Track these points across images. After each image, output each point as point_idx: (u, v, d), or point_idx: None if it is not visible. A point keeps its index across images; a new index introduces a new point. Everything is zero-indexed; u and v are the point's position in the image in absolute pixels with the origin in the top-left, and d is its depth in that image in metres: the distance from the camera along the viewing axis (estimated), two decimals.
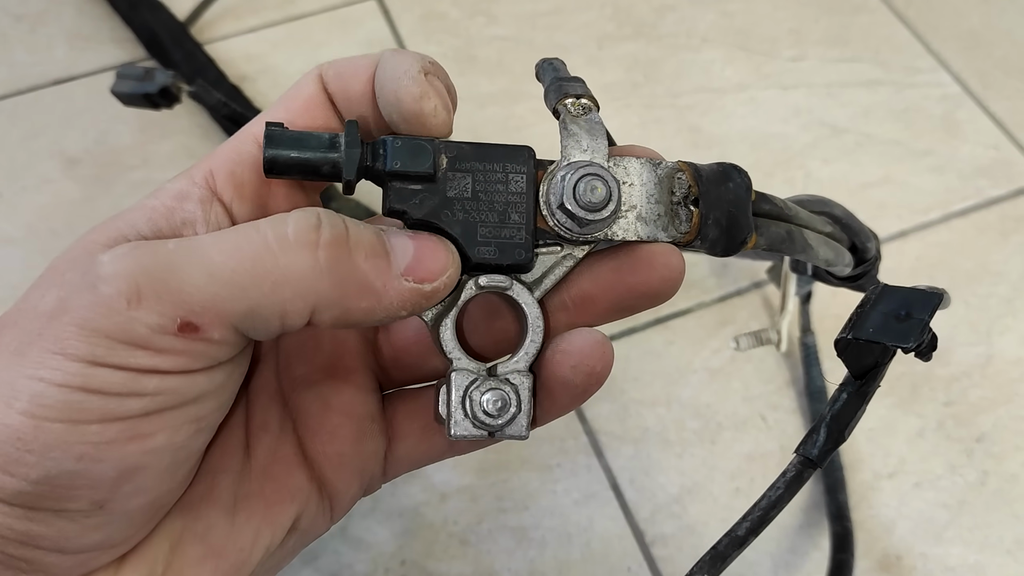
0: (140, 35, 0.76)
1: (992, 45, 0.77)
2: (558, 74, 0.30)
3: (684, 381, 0.60)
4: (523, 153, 0.28)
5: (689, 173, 0.29)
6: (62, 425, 0.22)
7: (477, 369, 0.28)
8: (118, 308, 0.22)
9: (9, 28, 0.78)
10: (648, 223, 0.29)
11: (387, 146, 0.26)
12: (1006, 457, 0.56)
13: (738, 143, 0.71)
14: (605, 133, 0.29)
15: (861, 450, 0.57)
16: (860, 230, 0.42)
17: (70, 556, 0.24)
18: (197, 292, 0.23)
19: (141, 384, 0.23)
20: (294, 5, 0.80)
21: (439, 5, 0.80)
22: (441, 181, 0.27)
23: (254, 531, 0.28)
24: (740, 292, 0.63)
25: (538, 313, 0.28)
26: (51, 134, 0.72)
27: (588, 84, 0.31)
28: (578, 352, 0.28)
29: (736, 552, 0.29)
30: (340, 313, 0.25)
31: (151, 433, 0.24)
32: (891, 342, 0.28)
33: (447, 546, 0.53)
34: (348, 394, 0.30)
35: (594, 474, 0.56)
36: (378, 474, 0.31)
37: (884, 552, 0.53)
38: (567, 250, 0.29)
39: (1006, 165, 0.70)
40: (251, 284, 0.23)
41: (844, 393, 0.29)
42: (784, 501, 0.29)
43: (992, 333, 0.61)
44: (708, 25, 0.79)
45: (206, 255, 0.23)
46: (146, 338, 0.23)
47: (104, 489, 0.23)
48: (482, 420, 0.27)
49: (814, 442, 0.29)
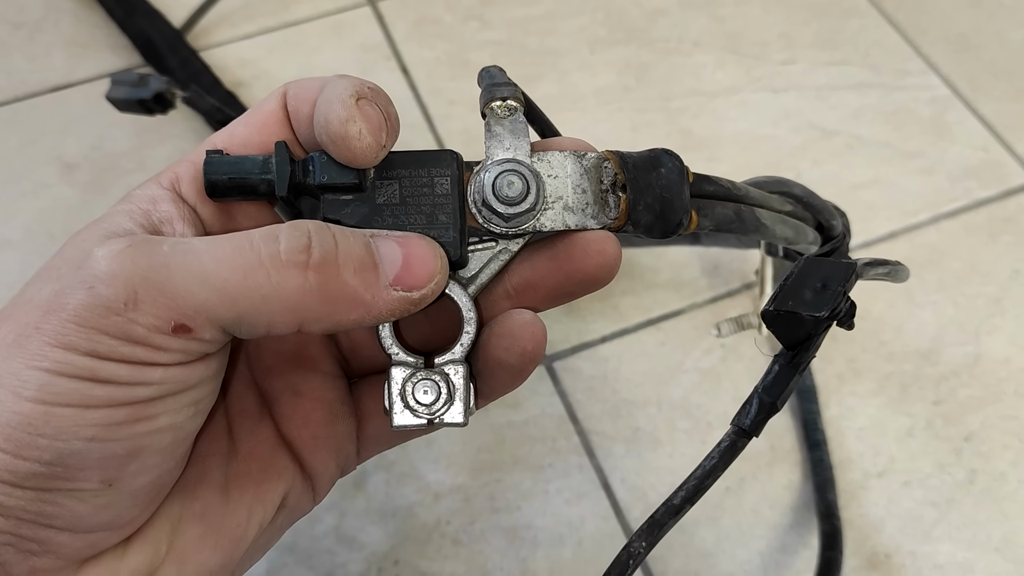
0: (136, 42, 0.77)
1: (981, 48, 0.78)
2: (493, 80, 0.31)
3: (675, 381, 0.60)
4: (446, 157, 0.29)
5: (614, 161, 0.30)
6: (72, 410, 0.24)
7: (415, 362, 0.30)
8: (116, 309, 0.24)
9: (8, 36, 0.79)
10: (576, 212, 0.30)
11: (315, 162, 0.28)
12: (994, 456, 0.57)
13: (729, 145, 0.72)
14: (527, 132, 0.30)
15: (851, 449, 0.57)
16: (823, 208, 0.43)
17: (80, 536, 0.25)
18: (190, 297, 0.24)
19: (147, 375, 0.24)
20: (288, 11, 0.81)
21: (433, 10, 0.81)
22: (370, 190, 0.29)
23: (247, 508, 0.30)
24: (731, 293, 0.64)
25: (470, 306, 0.30)
26: (49, 140, 0.72)
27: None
28: (509, 334, 0.29)
29: (672, 520, 0.31)
30: (330, 325, 0.26)
31: (155, 415, 0.25)
32: (807, 312, 0.29)
33: (440, 546, 0.54)
34: (316, 381, 0.32)
35: (586, 474, 0.56)
36: (352, 453, 0.33)
37: (873, 550, 0.54)
38: (501, 245, 0.30)
39: (995, 166, 0.70)
40: (241, 296, 0.25)
41: (776, 365, 0.30)
42: (718, 470, 0.30)
43: (980, 333, 0.62)
44: (699, 29, 0.80)
45: (199, 261, 0.24)
46: (143, 336, 0.24)
47: (113, 468, 0.25)
48: (418, 410, 0.29)
49: (747, 413, 0.30)
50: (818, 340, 0.30)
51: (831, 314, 0.29)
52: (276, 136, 0.29)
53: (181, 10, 0.78)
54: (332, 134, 0.27)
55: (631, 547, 0.30)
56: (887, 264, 0.38)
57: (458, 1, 0.82)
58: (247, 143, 0.29)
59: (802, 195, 0.42)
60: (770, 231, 0.36)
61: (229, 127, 0.30)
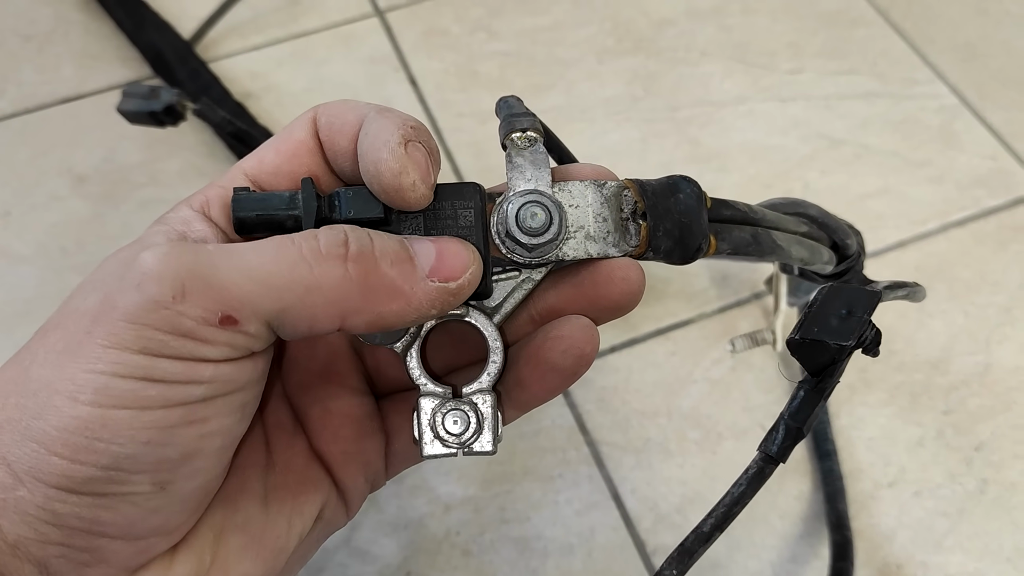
0: (146, 54, 0.77)
1: (989, 57, 0.78)
2: (511, 111, 0.32)
3: (685, 392, 0.60)
4: (470, 189, 0.30)
5: (634, 189, 0.31)
6: (128, 412, 0.24)
7: (443, 392, 0.30)
8: (164, 303, 0.24)
9: (18, 48, 0.80)
10: (597, 241, 0.30)
11: (340, 197, 0.28)
12: (1005, 465, 0.57)
13: (737, 155, 0.72)
14: (548, 163, 0.30)
15: (861, 459, 0.57)
16: (838, 227, 0.43)
17: (131, 543, 0.26)
18: (236, 288, 0.25)
19: (198, 373, 0.25)
20: (297, 23, 0.81)
21: (441, 21, 0.81)
22: (394, 223, 0.29)
23: (287, 520, 0.30)
24: (740, 303, 0.64)
25: (496, 336, 0.30)
26: (60, 152, 0.73)
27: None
28: (569, 336, 0.29)
29: (702, 548, 0.31)
30: (373, 318, 0.26)
31: (207, 418, 0.26)
32: (833, 340, 0.29)
33: (450, 557, 0.54)
34: (345, 398, 0.32)
35: (596, 484, 0.56)
36: (381, 469, 0.33)
37: (884, 561, 0.54)
38: (524, 274, 0.31)
39: (1003, 175, 0.70)
40: (285, 287, 0.25)
41: (801, 391, 0.31)
42: (747, 497, 0.30)
43: (991, 342, 0.62)
44: (707, 39, 0.80)
45: (243, 257, 0.25)
46: (192, 330, 0.24)
47: (165, 471, 0.25)
48: (448, 440, 0.29)
49: (774, 439, 0.30)
50: (842, 366, 0.30)
51: (858, 342, 0.29)
52: (306, 166, 0.30)
53: (190, 22, 0.78)
54: (385, 186, 0.27)
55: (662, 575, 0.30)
56: (906, 287, 0.39)
57: (466, 12, 0.82)
58: (277, 171, 0.30)
59: (817, 215, 0.42)
60: (786, 252, 0.36)
61: (258, 153, 0.30)
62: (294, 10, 0.82)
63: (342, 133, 0.29)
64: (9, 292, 0.65)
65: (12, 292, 0.65)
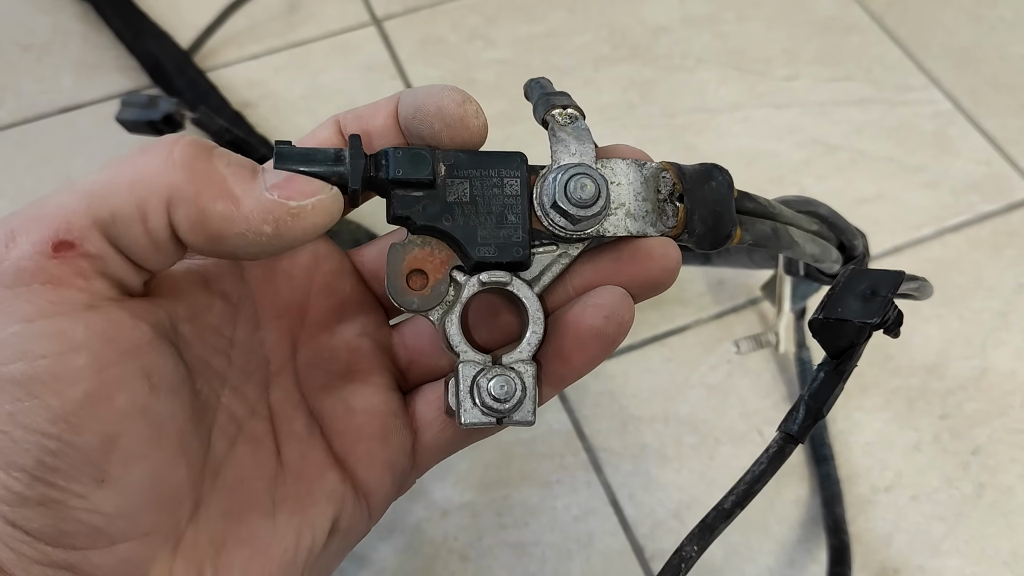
0: (144, 64, 0.78)
1: (982, 63, 0.79)
2: (545, 90, 0.32)
3: (682, 397, 0.60)
4: (516, 158, 0.30)
5: (673, 172, 0.31)
6: (28, 404, 0.23)
7: (483, 360, 0.29)
8: (1, 255, 0.23)
9: (17, 58, 0.80)
10: (637, 219, 0.30)
11: (388, 156, 0.28)
12: (1001, 469, 0.57)
13: (733, 161, 0.72)
14: (591, 139, 0.30)
15: (858, 463, 0.57)
16: (846, 228, 0.44)
17: (107, 551, 0.25)
18: (62, 211, 0.24)
19: (69, 336, 0.24)
20: (295, 32, 0.81)
21: (438, 29, 0.82)
22: (441, 188, 0.29)
23: (295, 532, 0.29)
24: (736, 309, 0.64)
25: (538, 306, 0.30)
26: (58, 161, 0.73)
27: (584, 106, 0.32)
28: (609, 304, 0.29)
29: (723, 524, 0.31)
30: (195, 213, 0.25)
31: (110, 394, 0.24)
32: (858, 319, 0.30)
33: (448, 562, 0.54)
34: (368, 394, 0.32)
35: (593, 490, 0.57)
36: (408, 468, 0.32)
37: (882, 565, 0.54)
38: (562, 248, 0.30)
39: (998, 180, 0.71)
40: (111, 191, 0.24)
41: (822, 372, 0.31)
42: (767, 475, 0.31)
43: (986, 347, 0.62)
44: (702, 46, 0.80)
45: (76, 184, 0.25)
46: (32, 271, 0.23)
47: (95, 462, 0.24)
48: (490, 406, 0.28)
49: (794, 419, 0.31)
50: (861, 348, 0.31)
51: (882, 321, 0.29)
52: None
53: (188, 31, 0.79)
54: (450, 117, 0.28)
55: (683, 551, 0.30)
56: (916, 279, 0.39)
57: (463, 20, 0.82)
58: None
59: (827, 215, 0.43)
60: (801, 248, 0.37)
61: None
62: (292, 19, 0.82)
63: (376, 115, 0.29)
64: None
65: None
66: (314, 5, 0.84)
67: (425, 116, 0.28)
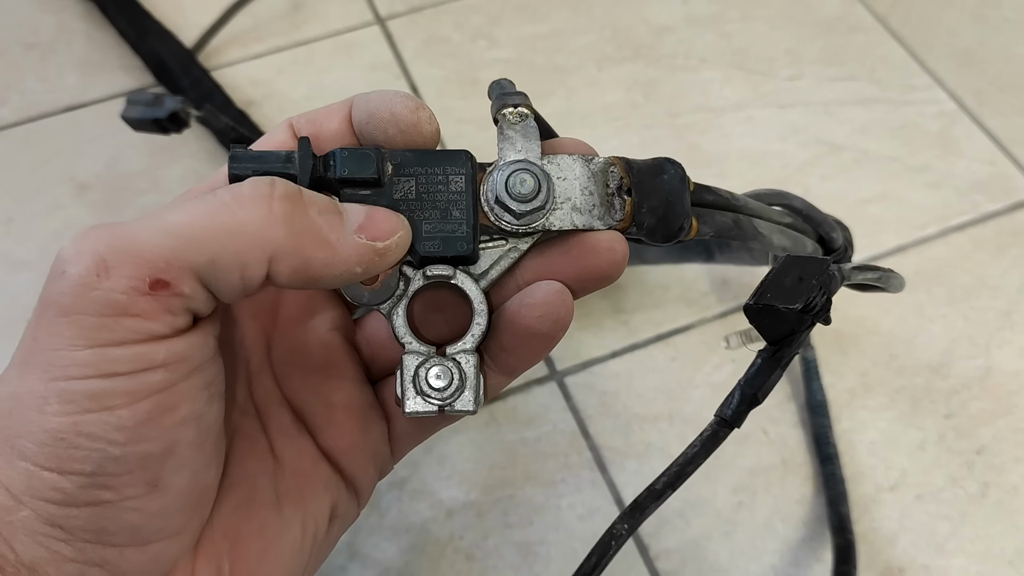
0: (148, 62, 0.78)
1: (986, 62, 0.79)
2: (503, 90, 0.33)
3: (686, 396, 0.60)
4: (461, 156, 0.31)
5: (620, 166, 0.32)
6: (96, 415, 0.24)
7: (427, 351, 0.30)
8: (90, 284, 0.24)
9: (21, 57, 0.80)
10: (583, 213, 0.31)
11: (336, 157, 0.29)
12: (1006, 469, 0.57)
13: (737, 161, 0.72)
14: (538, 137, 0.31)
15: (862, 463, 0.57)
16: (823, 220, 0.43)
17: (141, 550, 0.26)
18: (159, 249, 0.24)
19: (151, 357, 0.24)
20: (298, 31, 0.81)
21: (441, 29, 0.82)
22: (387, 185, 0.30)
23: (301, 523, 0.31)
24: (740, 308, 0.64)
25: (482, 298, 0.31)
26: (62, 160, 0.73)
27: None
28: (542, 303, 0.30)
29: (654, 504, 0.32)
30: (299, 263, 0.26)
31: (176, 405, 0.25)
32: (782, 304, 0.30)
33: (453, 562, 0.54)
34: (345, 390, 0.33)
35: (598, 489, 0.57)
36: (387, 455, 0.34)
37: (887, 564, 0.54)
38: (512, 243, 0.31)
39: (1002, 180, 0.71)
40: (209, 237, 0.25)
41: (759, 359, 0.32)
42: (700, 459, 0.32)
43: (991, 346, 0.62)
44: (706, 46, 0.80)
45: (163, 219, 0.25)
46: (126, 305, 0.24)
47: (153, 468, 0.25)
48: (429, 395, 0.30)
49: (729, 404, 0.32)
50: (800, 336, 0.31)
51: (805, 307, 0.30)
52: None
53: (193, 30, 0.79)
54: (403, 123, 0.29)
55: (614, 529, 0.31)
56: (878, 270, 0.39)
57: (466, 20, 0.82)
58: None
59: (801, 207, 0.43)
60: (767, 240, 0.37)
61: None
62: (295, 18, 0.82)
63: (329, 119, 0.30)
64: (11, 299, 0.65)
65: (14, 299, 0.65)
66: (318, 4, 0.84)
67: (379, 122, 0.29)
